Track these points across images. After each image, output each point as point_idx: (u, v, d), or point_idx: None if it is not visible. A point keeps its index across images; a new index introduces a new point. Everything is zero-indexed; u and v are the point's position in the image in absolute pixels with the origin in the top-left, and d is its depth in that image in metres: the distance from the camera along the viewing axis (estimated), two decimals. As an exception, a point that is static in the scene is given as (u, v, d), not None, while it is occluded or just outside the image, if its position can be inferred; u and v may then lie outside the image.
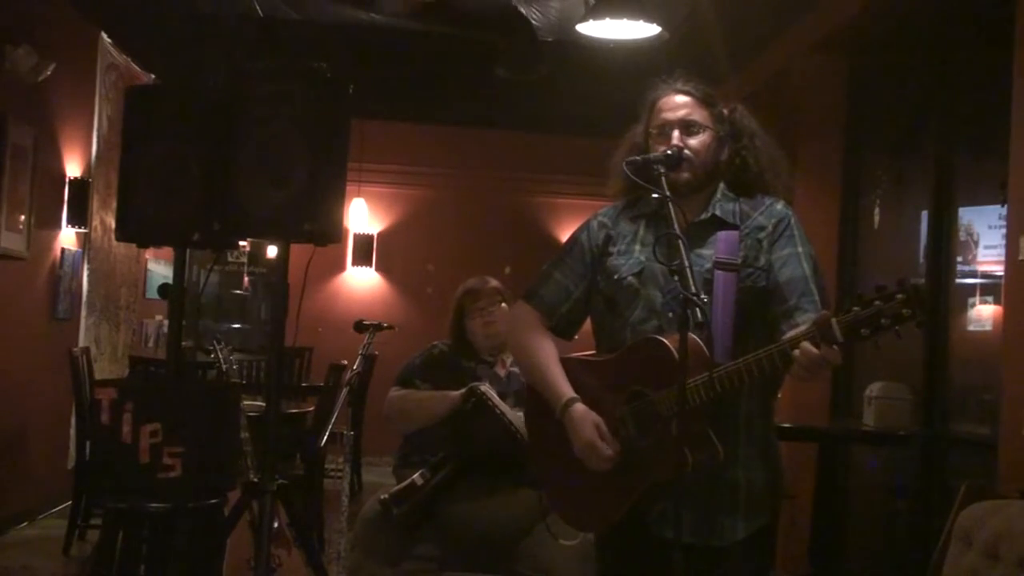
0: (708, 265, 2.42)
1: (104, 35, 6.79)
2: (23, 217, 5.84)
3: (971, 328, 4.55)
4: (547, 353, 2.58)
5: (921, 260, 4.84)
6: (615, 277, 2.52)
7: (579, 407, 2.46)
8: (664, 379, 2.30)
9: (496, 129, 9.11)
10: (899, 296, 2.05)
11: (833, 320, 2.11)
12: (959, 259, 4.61)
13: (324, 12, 5.89)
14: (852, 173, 5.74)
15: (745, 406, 2.43)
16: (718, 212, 2.49)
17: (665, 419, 2.31)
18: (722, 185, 2.53)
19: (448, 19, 5.92)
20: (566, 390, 2.50)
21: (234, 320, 9.57)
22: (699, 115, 2.51)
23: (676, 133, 2.49)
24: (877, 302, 2.06)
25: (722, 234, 2.45)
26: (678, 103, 2.52)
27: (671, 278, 2.37)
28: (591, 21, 4.78)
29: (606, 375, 2.47)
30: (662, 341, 2.34)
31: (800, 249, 2.44)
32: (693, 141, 2.49)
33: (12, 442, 5.90)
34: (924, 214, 4.90)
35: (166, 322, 3.36)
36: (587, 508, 2.53)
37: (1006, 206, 4.00)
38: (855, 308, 2.09)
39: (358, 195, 8.97)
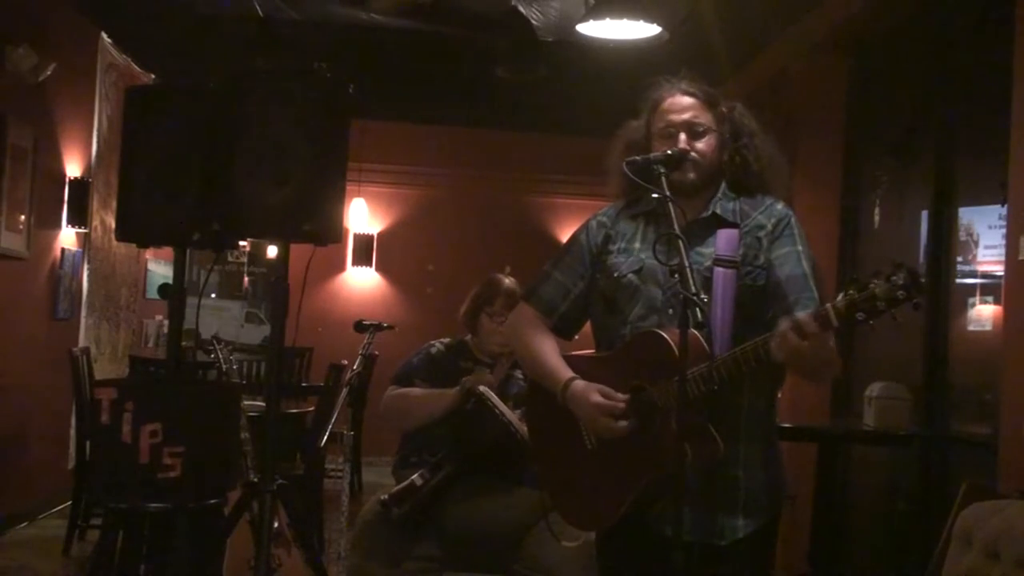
0: (707, 263, 2.42)
1: (104, 35, 6.79)
2: (23, 217, 5.84)
3: (971, 328, 4.54)
4: (547, 345, 2.59)
5: (921, 260, 4.83)
6: (615, 275, 2.53)
7: (580, 382, 2.47)
8: (663, 373, 2.31)
9: (496, 129, 9.11)
10: (894, 279, 2.06)
11: (829, 304, 2.13)
12: (959, 259, 4.60)
13: (324, 12, 5.89)
14: (852, 173, 5.74)
15: (745, 405, 2.43)
16: (718, 210, 2.49)
17: (665, 413, 2.32)
18: (723, 185, 2.53)
19: (448, 19, 5.92)
20: (566, 372, 2.51)
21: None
22: (704, 117, 2.52)
23: (683, 136, 2.49)
24: (872, 285, 2.07)
25: (722, 231, 2.45)
26: (684, 105, 2.52)
27: (671, 275, 2.37)
28: (591, 21, 4.78)
29: (606, 370, 2.48)
30: (661, 335, 2.35)
31: (799, 248, 2.45)
32: (700, 144, 2.49)
33: (12, 442, 5.89)
34: (924, 214, 4.89)
35: (166, 322, 3.36)
36: (588, 506, 2.53)
37: (1006, 206, 4.00)
38: (851, 292, 2.10)
39: (358, 195, 8.97)
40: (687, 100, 2.53)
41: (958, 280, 4.62)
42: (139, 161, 3.05)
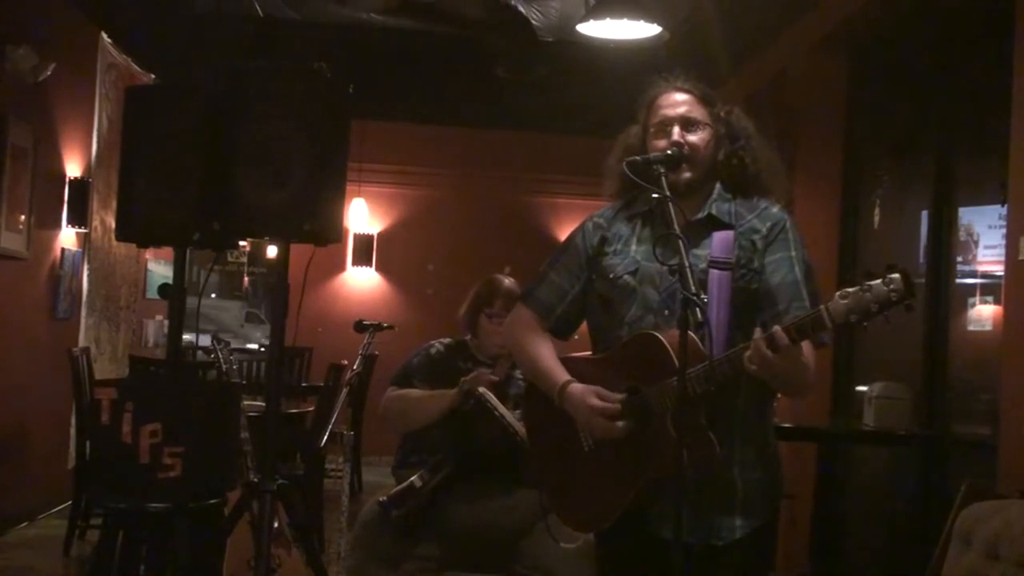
0: (703, 265, 2.42)
1: (104, 35, 6.79)
2: (23, 217, 5.84)
3: (971, 328, 4.54)
4: (543, 348, 2.60)
5: (921, 260, 4.83)
6: (611, 276, 2.53)
7: (577, 385, 2.47)
8: (660, 374, 2.31)
9: (496, 129, 9.11)
10: (887, 281, 2.08)
11: (822, 306, 2.13)
12: (959, 259, 4.60)
13: (324, 12, 5.89)
14: (852, 173, 5.74)
15: (741, 406, 2.43)
16: (714, 211, 2.49)
17: (661, 414, 2.32)
18: (719, 186, 2.53)
19: (447, 19, 5.92)
20: (562, 375, 2.51)
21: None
22: (698, 112, 2.52)
23: (676, 129, 2.49)
24: (866, 287, 2.08)
25: (717, 234, 2.45)
26: (678, 100, 2.53)
27: (667, 276, 2.38)
28: (591, 21, 4.78)
29: (602, 372, 2.48)
30: (657, 336, 2.36)
31: (793, 253, 2.44)
32: (693, 137, 2.50)
33: (12, 442, 5.89)
34: (924, 214, 4.89)
35: (166, 322, 3.36)
36: (586, 508, 2.53)
37: (1006, 206, 4.00)
38: (844, 294, 2.11)
39: (358, 195, 8.97)
40: (681, 96, 2.54)
41: (958, 280, 4.62)
42: (139, 161, 3.04)
